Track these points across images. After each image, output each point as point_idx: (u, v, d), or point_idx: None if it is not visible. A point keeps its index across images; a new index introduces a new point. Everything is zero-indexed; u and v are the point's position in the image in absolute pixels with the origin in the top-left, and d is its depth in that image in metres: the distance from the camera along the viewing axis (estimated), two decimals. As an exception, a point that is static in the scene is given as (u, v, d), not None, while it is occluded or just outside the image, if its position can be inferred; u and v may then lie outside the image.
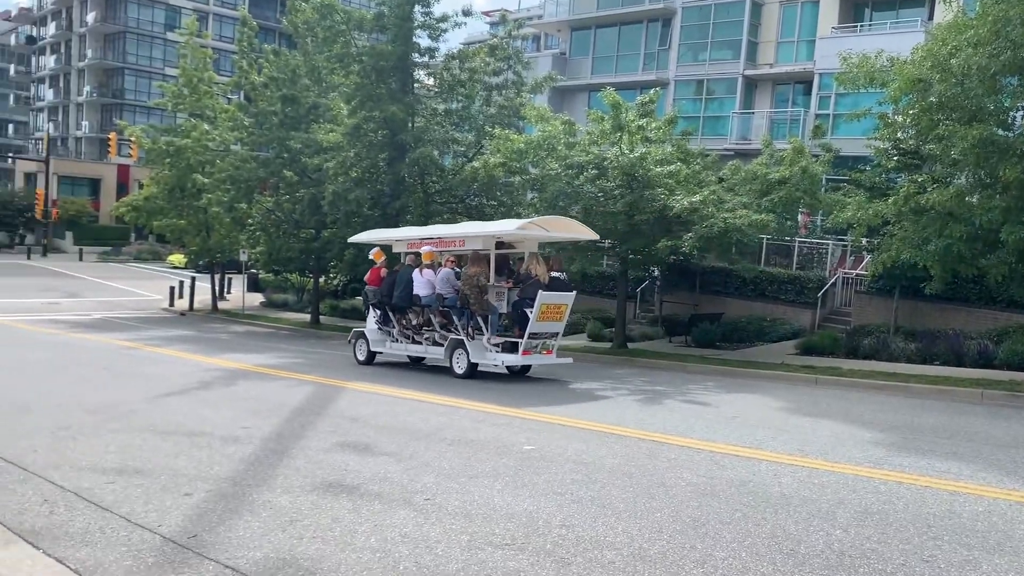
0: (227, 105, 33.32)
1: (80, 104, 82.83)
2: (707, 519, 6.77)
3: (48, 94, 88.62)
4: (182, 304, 34.43)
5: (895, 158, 19.70)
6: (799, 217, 24.66)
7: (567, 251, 20.88)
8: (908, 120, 17.19)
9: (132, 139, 37.41)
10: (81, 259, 60.06)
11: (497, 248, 16.18)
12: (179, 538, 6.04)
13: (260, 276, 38.79)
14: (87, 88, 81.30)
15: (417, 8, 24.70)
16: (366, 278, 17.98)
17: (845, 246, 25.52)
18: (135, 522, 6.38)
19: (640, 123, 21.27)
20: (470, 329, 15.37)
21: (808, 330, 23.32)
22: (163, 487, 7.39)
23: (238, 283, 39.71)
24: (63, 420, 10.41)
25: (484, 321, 15.24)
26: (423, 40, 25.07)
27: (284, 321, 29.86)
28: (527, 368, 15.80)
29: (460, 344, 15.26)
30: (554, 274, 15.19)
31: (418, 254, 16.52)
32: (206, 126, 32.35)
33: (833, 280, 24.50)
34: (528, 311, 14.67)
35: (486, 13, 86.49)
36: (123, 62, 79.64)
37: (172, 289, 35.18)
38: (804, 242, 26.44)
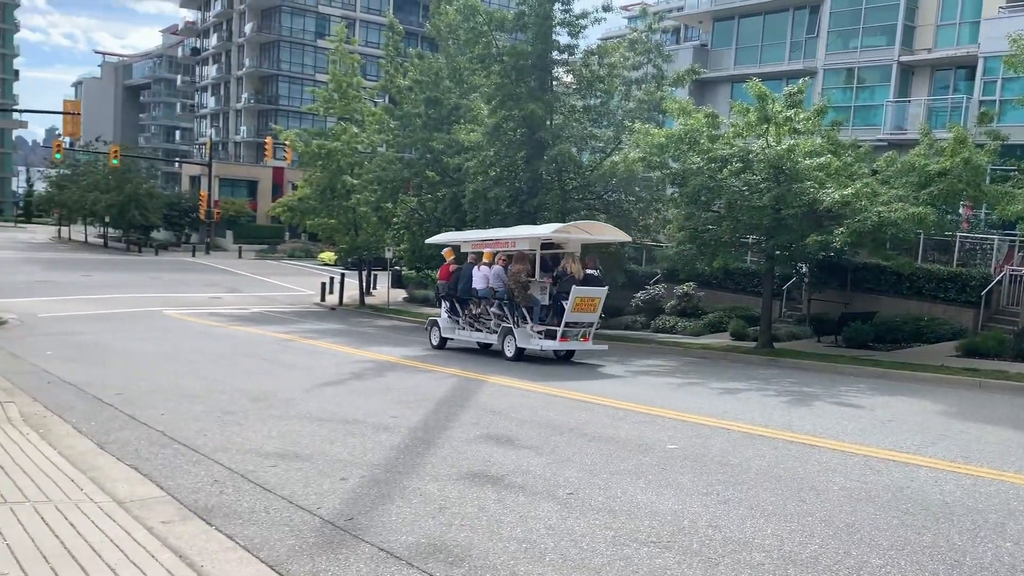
0: (374, 108, 34.39)
1: (239, 110, 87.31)
2: (862, 525, 6.50)
3: (210, 101, 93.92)
4: (332, 299, 35.77)
5: (1072, 145, 18.19)
6: (960, 210, 23.20)
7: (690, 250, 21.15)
8: (1088, 104, 15.83)
9: (286, 143, 39.09)
10: (240, 256, 63.39)
11: (546, 248, 18.36)
12: (337, 520, 6.34)
13: (403, 273, 39.87)
14: (245, 95, 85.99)
15: (557, 6, 24.78)
16: (437, 274, 20.55)
17: (1013, 241, 23.80)
18: (296, 504, 6.75)
19: (787, 114, 20.56)
20: (516, 318, 17.59)
21: (970, 331, 21.91)
22: (320, 471, 7.77)
23: (383, 279, 41.13)
24: (228, 407, 10.96)
25: (528, 312, 17.52)
26: (562, 37, 25.14)
27: (426, 316, 30.42)
28: (571, 354, 17.73)
29: (510, 331, 17.54)
30: (588, 271, 17.30)
31: (479, 253, 18.86)
32: (355, 129, 33.36)
33: (999, 277, 22.91)
34: (564, 303, 16.93)
35: (625, 7, 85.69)
36: (277, 69, 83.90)
37: (323, 285, 36.71)
38: (966, 237, 24.86)
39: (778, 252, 20.69)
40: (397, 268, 39.77)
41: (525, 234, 18.60)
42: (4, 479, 6.91)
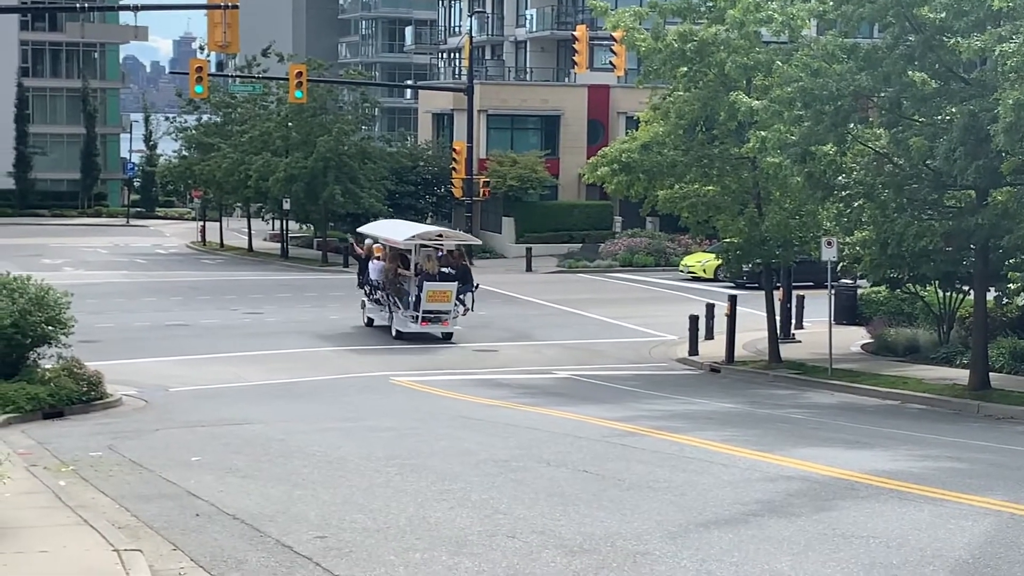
0: None
1: (523, -22, 52.30)
2: None
3: (468, -36, 55.56)
4: (712, 348, 22.87)
5: None
6: None
7: None
8: None
9: (615, 35, 25.36)
10: (529, 268, 38.89)
11: (433, 241, 24.99)
12: None
13: (860, 291, 25.29)
14: (535, -54, 50.30)
15: None
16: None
17: None
18: None
19: None
20: (390, 305, 24.53)
21: None
22: None
23: (817, 306, 24.52)
24: (527, 567, 7.52)
25: (399, 300, 23.99)
26: None
27: (912, 383, 19.30)
28: (449, 336, 24.07)
29: (392, 316, 24.51)
30: (444, 269, 23.76)
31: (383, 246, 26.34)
32: None
33: None
34: (421, 295, 23.61)
35: None
36: None
37: (693, 320, 22.69)
38: None
39: None
40: (848, 282, 25.32)
41: (398, 236, 25.32)
42: None
